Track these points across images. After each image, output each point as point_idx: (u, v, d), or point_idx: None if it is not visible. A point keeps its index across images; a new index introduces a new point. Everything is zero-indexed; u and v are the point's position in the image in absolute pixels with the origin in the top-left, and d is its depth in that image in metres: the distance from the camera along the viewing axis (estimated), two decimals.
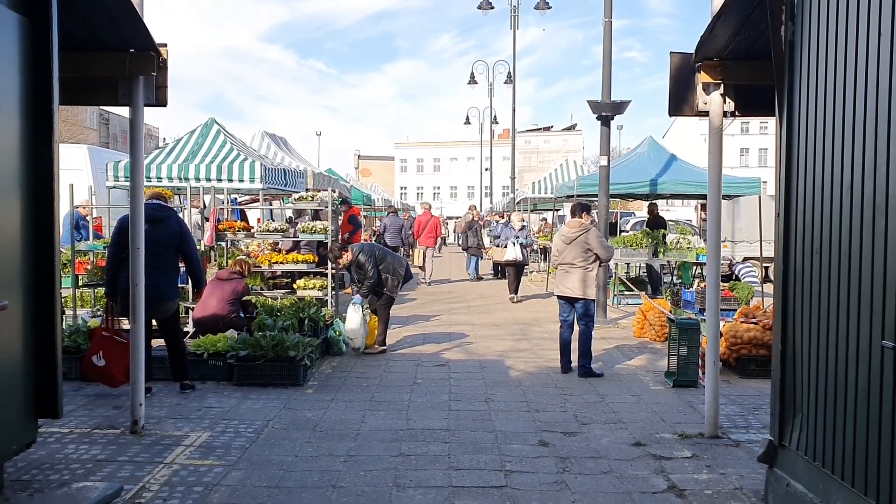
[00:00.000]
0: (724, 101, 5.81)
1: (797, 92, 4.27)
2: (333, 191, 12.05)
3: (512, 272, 15.97)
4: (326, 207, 11.33)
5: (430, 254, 19.95)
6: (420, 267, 19.83)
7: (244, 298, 9.34)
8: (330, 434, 6.01)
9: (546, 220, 25.69)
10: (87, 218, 13.13)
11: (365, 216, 23.78)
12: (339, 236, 14.57)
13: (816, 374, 3.98)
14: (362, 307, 9.38)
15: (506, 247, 15.97)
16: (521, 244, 15.90)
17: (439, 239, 25.32)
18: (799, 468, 4.14)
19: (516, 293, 15.71)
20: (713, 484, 4.94)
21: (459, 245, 22.31)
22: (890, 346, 3.18)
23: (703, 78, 5.78)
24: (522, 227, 16.79)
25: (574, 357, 8.43)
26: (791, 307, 4.32)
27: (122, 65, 5.60)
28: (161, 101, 5.89)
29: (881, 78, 3.34)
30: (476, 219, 21.54)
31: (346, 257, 9.56)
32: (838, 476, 3.69)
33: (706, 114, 5.88)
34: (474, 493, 4.74)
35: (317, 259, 11.45)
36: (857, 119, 3.57)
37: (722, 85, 5.76)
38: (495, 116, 38.52)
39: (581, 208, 8.73)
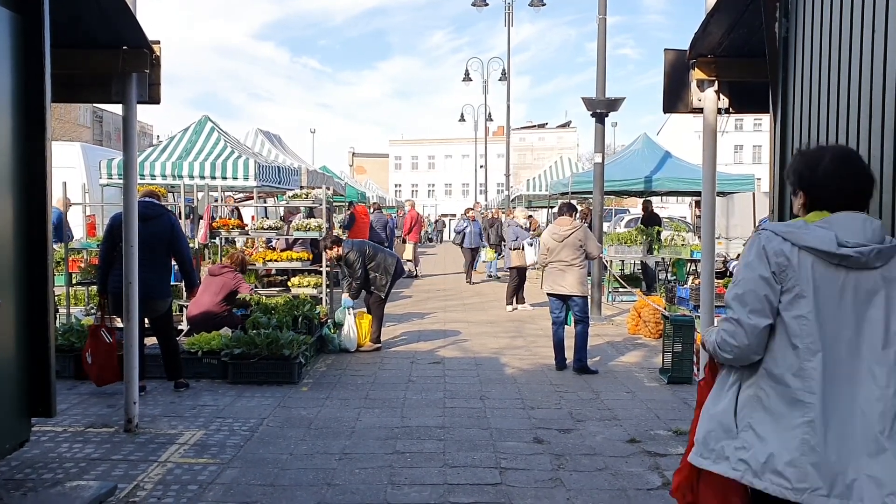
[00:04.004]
0: (719, 98, 5.82)
1: (791, 89, 4.28)
2: (328, 188, 12.03)
3: (518, 276, 14.13)
4: (321, 205, 11.30)
5: (416, 248, 21.31)
6: (409, 260, 20.11)
7: (238, 296, 9.32)
8: (325, 432, 6.00)
9: (532, 216, 24.87)
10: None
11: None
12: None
13: None
14: (350, 310, 9.42)
15: (522, 248, 13.82)
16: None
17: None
18: None
19: (516, 302, 13.97)
20: None
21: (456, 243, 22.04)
22: None
23: (697, 75, 5.78)
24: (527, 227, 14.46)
25: (569, 354, 8.45)
26: None
27: (115, 62, 5.59)
28: (154, 99, 5.88)
29: (875, 75, 3.35)
30: (496, 216, 21.57)
31: (336, 251, 9.53)
32: None
33: (700, 111, 5.89)
34: (469, 491, 4.74)
35: (311, 257, 11.43)
36: (850, 116, 3.58)
37: (716, 82, 5.77)
38: (490, 113, 38.50)
39: (569, 208, 8.86)
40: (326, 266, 10.71)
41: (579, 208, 17.06)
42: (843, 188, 2.53)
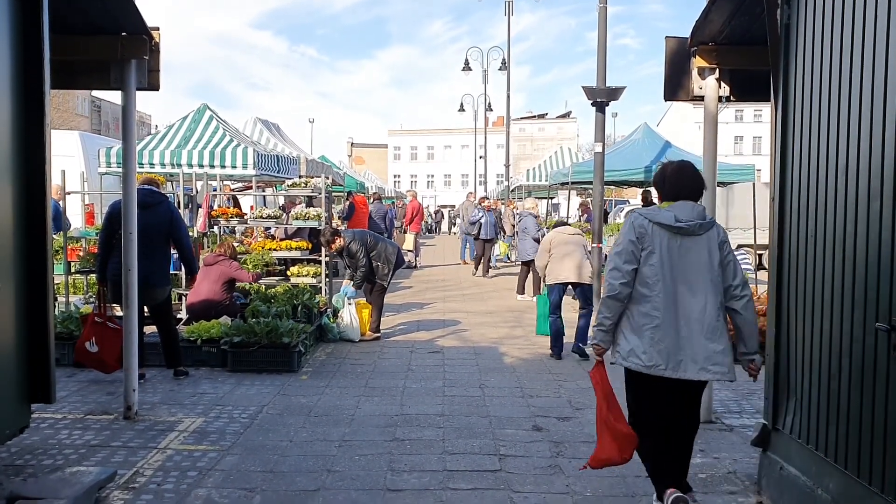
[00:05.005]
0: (720, 86, 5.80)
1: (793, 76, 4.26)
2: (327, 177, 12.01)
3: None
4: (320, 194, 11.28)
5: (417, 238, 21.12)
6: (410, 250, 20.07)
7: (238, 285, 9.33)
8: (324, 419, 6.01)
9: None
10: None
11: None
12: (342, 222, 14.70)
13: (810, 357, 3.99)
14: (346, 299, 9.43)
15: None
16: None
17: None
18: (793, 452, 4.16)
19: (524, 292, 14.17)
20: (707, 468, 4.96)
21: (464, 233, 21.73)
22: (884, 329, 3.19)
23: (698, 63, 5.76)
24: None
25: (566, 341, 8.54)
26: (785, 291, 4.32)
27: (114, 48, 5.56)
28: (153, 86, 5.85)
29: (877, 61, 3.33)
30: (495, 207, 21.41)
31: (339, 243, 9.52)
32: (831, 459, 3.70)
33: (701, 98, 5.87)
34: (469, 477, 4.75)
35: (311, 246, 11.42)
36: (852, 103, 3.56)
37: (717, 70, 5.75)
38: (490, 103, 38.32)
39: (563, 224, 9.42)
40: (326, 256, 10.71)
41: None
42: (675, 187, 4.11)
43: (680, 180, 4.13)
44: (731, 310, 4.03)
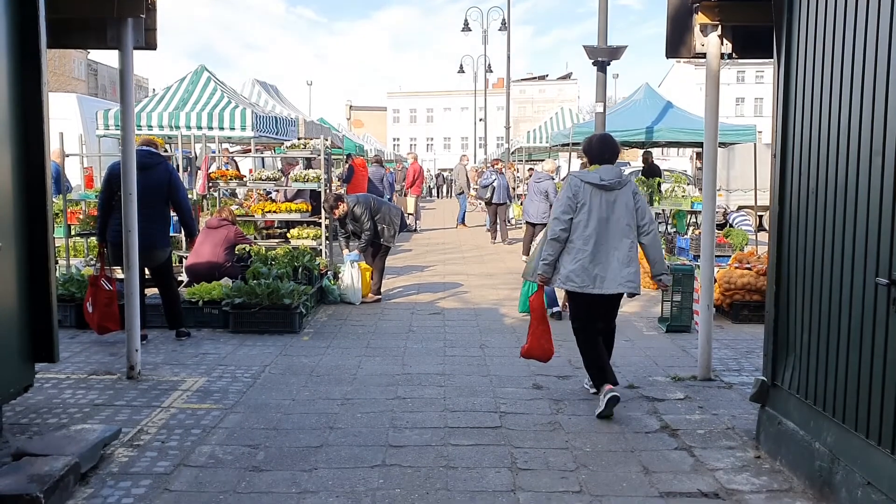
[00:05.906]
0: (722, 43, 5.73)
1: (795, 32, 4.21)
2: (326, 139, 11.93)
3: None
4: (319, 156, 11.22)
5: (418, 202, 21.09)
6: (410, 214, 20.03)
7: (237, 248, 9.34)
8: (326, 379, 6.06)
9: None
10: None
11: None
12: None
13: (810, 313, 4.00)
14: (353, 264, 9.43)
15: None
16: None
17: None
18: (791, 406, 4.20)
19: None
20: (706, 424, 5.01)
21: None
22: (883, 283, 3.20)
23: (700, 19, 5.69)
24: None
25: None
26: (786, 247, 4.33)
27: (109, 6, 5.48)
28: (150, 44, 5.78)
29: (882, 16, 3.29)
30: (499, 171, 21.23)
31: (342, 208, 9.49)
32: (829, 413, 3.74)
33: (703, 56, 5.81)
34: (470, 434, 4.80)
35: (310, 208, 11.39)
36: (855, 58, 3.53)
37: (720, 26, 5.68)
38: (489, 65, 37.97)
39: None
40: (326, 218, 10.68)
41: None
42: (600, 153, 5.41)
43: (602, 148, 5.42)
44: (641, 244, 5.33)
